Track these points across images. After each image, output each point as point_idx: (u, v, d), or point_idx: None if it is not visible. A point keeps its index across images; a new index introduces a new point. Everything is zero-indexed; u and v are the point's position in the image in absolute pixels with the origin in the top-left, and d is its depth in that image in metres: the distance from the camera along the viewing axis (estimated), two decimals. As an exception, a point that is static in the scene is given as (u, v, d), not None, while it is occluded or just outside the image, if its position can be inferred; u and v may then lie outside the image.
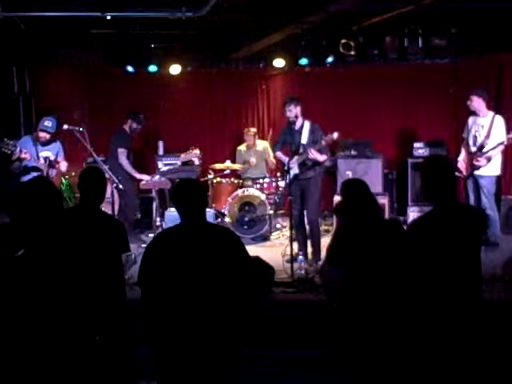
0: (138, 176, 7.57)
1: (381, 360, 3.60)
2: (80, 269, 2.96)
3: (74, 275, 2.47)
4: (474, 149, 6.92)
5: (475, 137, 6.94)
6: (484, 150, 6.78)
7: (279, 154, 6.88)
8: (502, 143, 6.74)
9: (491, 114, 6.89)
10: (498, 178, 7.15)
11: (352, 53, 8.11)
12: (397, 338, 3.53)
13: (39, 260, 2.38)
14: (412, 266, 3.34)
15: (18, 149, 6.23)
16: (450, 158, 6.72)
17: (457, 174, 7.00)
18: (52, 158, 6.58)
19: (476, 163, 6.79)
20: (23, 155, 6.27)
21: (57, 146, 6.72)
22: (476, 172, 6.85)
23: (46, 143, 6.55)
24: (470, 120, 7.04)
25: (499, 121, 6.83)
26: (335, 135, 6.36)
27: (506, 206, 7.69)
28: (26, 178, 6.31)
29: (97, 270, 3.51)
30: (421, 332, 3.35)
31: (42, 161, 6.46)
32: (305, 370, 4.66)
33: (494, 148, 6.73)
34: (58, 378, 2.35)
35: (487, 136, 6.79)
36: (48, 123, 6.46)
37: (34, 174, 6.33)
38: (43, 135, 6.49)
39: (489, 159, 6.73)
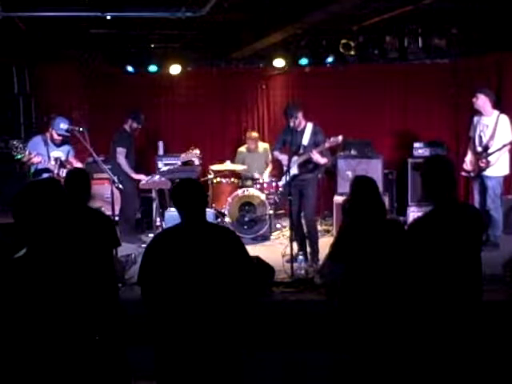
0: (134, 176, 7.57)
1: (381, 360, 3.60)
2: (75, 267, 2.96)
3: (72, 274, 2.48)
4: (479, 149, 6.88)
5: (480, 137, 6.89)
6: (489, 151, 6.75)
7: (277, 153, 6.82)
8: (507, 144, 6.69)
9: (496, 113, 6.83)
10: (505, 178, 7.06)
11: (352, 53, 8.11)
12: (397, 338, 3.53)
13: (41, 260, 2.38)
14: (412, 266, 3.34)
15: (28, 152, 6.19)
16: (450, 158, 6.71)
17: (463, 174, 7.00)
18: (63, 158, 6.55)
19: (481, 164, 6.76)
20: (35, 159, 6.23)
21: (68, 145, 6.69)
22: (483, 173, 6.83)
23: (59, 144, 6.53)
24: (475, 119, 6.98)
25: (504, 121, 6.77)
26: (340, 138, 6.35)
27: (506, 206, 7.68)
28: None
29: (89, 267, 3.50)
30: (421, 332, 3.34)
31: (52, 161, 6.42)
32: (305, 371, 4.66)
33: (499, 149, 6.69)
34: (56, 378, 2.35)
35: (492, 136, 6.74)
36: (64, 126, 6.40)
37: (45, 175, 6.29)
38: (59, 138, 6.46)
39: (489, 163, 6.70)
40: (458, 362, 3.32)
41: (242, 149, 8.89)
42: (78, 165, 6.69)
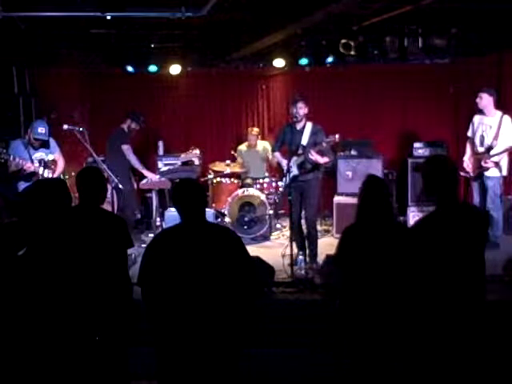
0: (145, 173, 7.60)
1: (382, 360, 3.60)
2: (83, 267, 2.97)
3: (76, 274, 2.47)
4: (481, 149, 6.86)
5: (482, 137, 6.87)
6: (492, 152, 6.73)
7: (278, 154, 6.77)
8: (509, 148, 6.68)
9: (499, 113, 6.80)
10: (505, 179, 7.07)
11: (352, 53, 8.09)
12: (399, 338, 3.52)
13: (41, 259, 2.38)
14: (415, 266, 3.33)
15: (12, 157, 6.12)
16: (451, 158, 6.70)
17: (462, 174, 7.00)
18: (46, 158, 6.48)
19: (484, 165, 6.75)
20: (26, 166, 6.14)
21: (45, 149, 6.55)
22: (484, 173, 6.81)
23: (37, 148, 6.46)
24: (476, 119, 6.96)
25: (508, 121, 6.74)
26: (336, 137, 6.28)
27: (506, 206, 7.68)
28: (23, 184, 6.19)
29: (101, 267, 3.51)
30: (424, 333, 3.34)
31: (36, 164, 6.34)
32: (305, 370, 4.66)
33: (502, 152, 6.68)
34: (59, 375, 2.35)
35: (495, 137, 6.72)
36: (41, 130, 6.33)
37: (32, 178, 6.19)
38: (36, 142, 6.40)
39: (496, 164, 6.70)
40: (461, 361, 3.32)
41: (242, 147, 8.91)
42: (62, 162, 6.63)
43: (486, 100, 6.81)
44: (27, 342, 2.30)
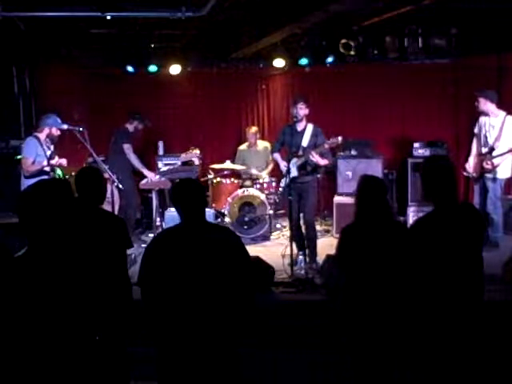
0: (145, 172, 7.60)
1: (383, 360, 3.60)
2: (83, 267, 2.97)
3: (75, 274, 2.47)
4: (484, 150, 6.85)
5: (485, 137, 6.85)
6: (494, 153, 6.72)
7: (277, 155, 6.75)
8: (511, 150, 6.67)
9: (503, 114, 6.78)
10: (506, 181, 7.02)
11: (352, 53, 8.10)
12: (399, 339, 3.52)
13: (40, 258, 2.38)
14: (414, 267, 3.33)
15: (32, 159, 6.09)
16: (449, 158, 6.69)
17: (465, 173, 6.99)
18: (55, 157, 6.46)
19: (485, 166, 6.74)
20: (44, 166, 6.14)
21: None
22: (485, 174, 6.81)
23: (53, 141, 6.43)
24: (482, 118, 6.94)
25: (511, 122, 6.72)
26: (339, 139, 6.26)
27: (506, 206, 7.67)
28: (33, 181, 6.17)
29: (100, 268, 3.50)
30: (423, 333, 3.34)
31: (52, 161, 6.32)
32: (304, 370, 4.66)
33: (503, 154, 6.67)
34: (58, 376, 2.35)
35: (497, 138, 6.70)
36: (57, 119, 6.33)
37: (44, 176, 6.19)
38: (58, 133, 6.37)
39: (494, 165, 6.69)
40: (460, 361, 3.32)
41: (243, 146, 8.92)
42: (64, 160, 6.61)
43: (482, 103, 6.80)
44: (26, 342, 2.30)
